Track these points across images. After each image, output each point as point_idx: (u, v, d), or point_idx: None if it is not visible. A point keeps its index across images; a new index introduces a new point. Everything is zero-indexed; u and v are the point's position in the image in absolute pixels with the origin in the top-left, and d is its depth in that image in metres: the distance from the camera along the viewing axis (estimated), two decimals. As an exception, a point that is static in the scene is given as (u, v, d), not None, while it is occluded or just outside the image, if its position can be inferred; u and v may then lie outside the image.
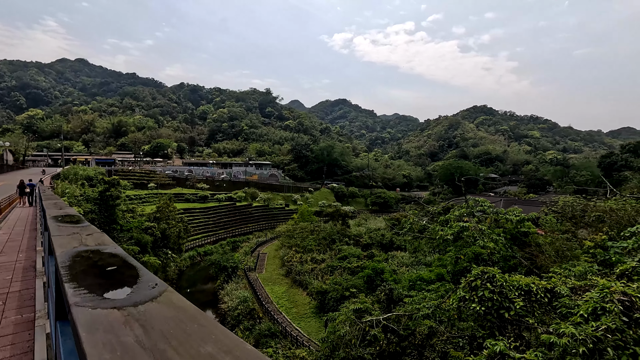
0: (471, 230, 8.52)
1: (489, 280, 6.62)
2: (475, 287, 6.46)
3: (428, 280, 16.48)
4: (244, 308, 31.31)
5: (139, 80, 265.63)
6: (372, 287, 17.43)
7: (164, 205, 44.12)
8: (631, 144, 40.65)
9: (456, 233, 8.94)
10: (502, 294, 6.41)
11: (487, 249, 8.60)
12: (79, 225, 3.02)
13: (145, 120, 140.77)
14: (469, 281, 6.76)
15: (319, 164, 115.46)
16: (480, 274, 6.77)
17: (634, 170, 34.75)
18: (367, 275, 17.50)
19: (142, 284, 1.39)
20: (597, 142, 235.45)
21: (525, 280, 6.71)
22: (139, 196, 62.75)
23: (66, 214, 3.74)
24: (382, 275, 17.59)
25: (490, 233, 8.70)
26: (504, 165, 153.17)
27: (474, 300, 6.39)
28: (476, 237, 8.75)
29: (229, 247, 59.21)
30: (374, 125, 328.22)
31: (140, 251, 32.06)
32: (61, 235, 2.67)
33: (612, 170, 40.67)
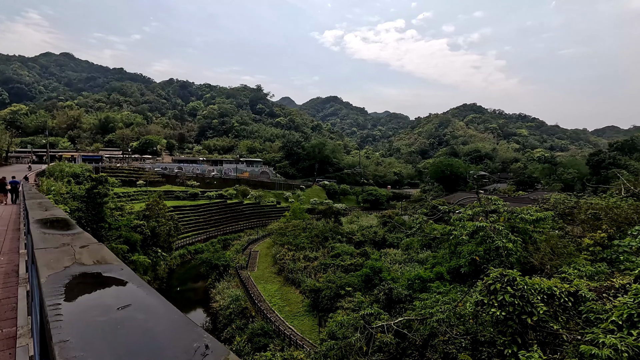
0: (487, 230, 8.25)
1: (509, 284, 6.29)
2: (495, 290, 6.19)
3: (427, 279, 16.37)
4: (236, 307, 30.95)
5: (127, 75, 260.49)
6: (370, 286, 17.23)
7: (153, 203, 43.30)
8: (619, 142, 41.40)
9: (471, 233, 8.67)
10: (524, 298, 6.07)
11: (505, 250, 8.33)
12: (69, 233, 2.50)
13: (134, 116, 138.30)
14: (487, 284, 6.48)
15: (311, 161, 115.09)
16: (499, 276, 6.43)
17: (621, 167, 35.36)
18: (365, 274, 17.30)
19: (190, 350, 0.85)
20: (582, 140, 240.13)
21: (547, 284, 6.46)
22: (127, 194, 61.54)
23: (53, 217, 3.14)
24: (380, 274, 17.40)
25: (507, 233, 8.46)
26: (493, 163, 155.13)
27: (493, 304, 6.11)
28: (493, 237, 8.49)
29: (220, 245, 58.60)
30: (365, 122, 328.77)
31: (129, 250, 31.36)
32: (47, 249, 2.19)
33: (600, 168, 41.37)
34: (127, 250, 30.87)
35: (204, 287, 42.01)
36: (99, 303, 1.31)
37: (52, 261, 1.87)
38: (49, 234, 2.49)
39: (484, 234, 8.27)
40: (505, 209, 9.70)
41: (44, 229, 2.65)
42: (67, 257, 1.98)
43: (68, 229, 2.72)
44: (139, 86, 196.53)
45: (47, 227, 2.69)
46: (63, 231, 2.62)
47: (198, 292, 42.29)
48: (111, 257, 1.95)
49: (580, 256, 10.59)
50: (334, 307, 24.35)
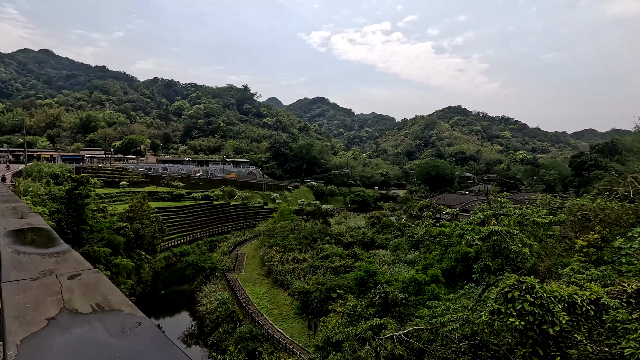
0: (501, 234, 8.08)
1: (527, 291, 6.03)
2: (512, 298, 5.96)
3: (422, 282, 16.21)
4: (223, 310, 30.31)
5: (110, 73, 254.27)
6: (364, 289, 16.95)
7: (137, 204, 42.15)
8: (599, 144, 42.61)
9: (484, 237, 8.46)
10: (544, 307, 5.84)
11: (520, 255, 8.17)
12: (52, 252, 1.91)
13: (116, 115, 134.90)
14: (503, 292, 6.22)
15: (298, 162, 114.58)
16: (516, 284, 6.14)
17: (602, 169, 36.33)
18: (359, 277, 17.01)
19: None
20: (562, 143, 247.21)
21: (567, 291, 6.22)
22: (110, 195, 59.85)
23: (31, 227, 2.41)
24: (374, 277, 17.14)
25: (522, 237, 8.29)
26: (477, 164, 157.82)
27: (511, 313, 5.82)
28: (508, 242, 8.34)
29: (206, 247, 57.61)
30: (352, 124, 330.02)
31: (112, 253, 30.34)
32: (21, 282, 1.57)
33: (582, 170, 42.43)
34: (110, 253, 29.87)
35: (189, 290, 41.11)
36: None
37: (29, 308, 1.27)
38: (24, 253, 1.89)
39: (497, 239, 8.09)
40: (516, 212, 9.55)
41: (17, 245, 2.04)
42: (50, 297, 1.39)
43: (50, 244, 2.10)
44: (122, 84, 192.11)
45: (23, 243, 2.07)
46: (44, 249, 2.02)
47: (183, 296, 41.37)
48: (118, 298, 1.34)
49: (574, 257, 10.63)
50: (325, 309, 24.05)
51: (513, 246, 7.69)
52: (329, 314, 21.42)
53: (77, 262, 1.84)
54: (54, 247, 2.06)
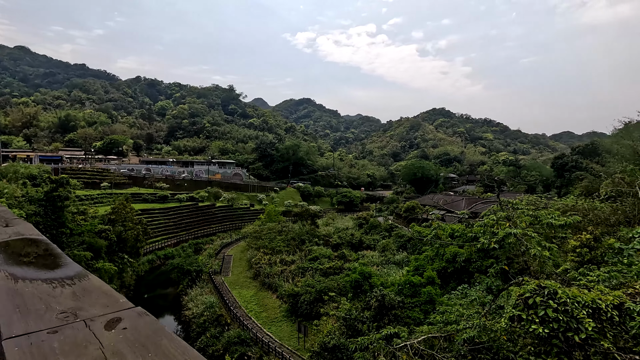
0: (519, 237, 7.95)
1: (550, 297, 5.84)
2: (534, 304, 5.79)
3: (418, 284, 16.13)
4: (210, 314, 29.67)
5: (90, 72, 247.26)
6: (359, 292, 16.70)
7: (120, 206, 40.94)
8: (580, 146, 43.97)
9: (500, 240, 8.30)
10: (568, 313, 5.66)
11: (541, 259, 8.04)
12: (63, 277, 1.34)
13: (97, 114, 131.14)
14: (523, 298, 5.98)
15: (285, 163, 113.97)
16: (537, 289, 6.03)
17: (583, 170, 37.39)
18: (354, 280, 16.78)
19: None
20: (542, 145, 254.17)
21: (590, 295, 5.97)
22: (90, 196, 58.07)
23: (22, 238, 1.79)
24: (369, 280, 16.95)
25: (540, 240, 8.15)
26: (461, 166, 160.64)
27: (533, 320, 5.68)
28: (527, 245, 8.19)
29: (191, 249, 56.53)
30: (337, 125, 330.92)
31: (93, 257, 29.30)
32: (33, 338, 0.95)
33: (564, 171, 43.65)
34: (91, 258, 28.83)
35: (174, 293, 40.20)
36: None
37: None
38: (24, 280, 1.29)
39: (513, 241, 7.98)
40: (530, 214, 9.51)
41: (12, 265, 1.42)
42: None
43: (55, 263, 1.49)
44: (102, 83, 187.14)
45: (18, 263, 1.46)
46: (49, 271, 1.40)
47: (168, 299, 40.41)
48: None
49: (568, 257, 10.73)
50: (315, 312, 23.78)
51: (533, 249, 7.57)
52: (321, 317, 21.17)
53: (106, 295, 1.24)
54: (62, 267, 1.46)
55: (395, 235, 45.56)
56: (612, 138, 41.21)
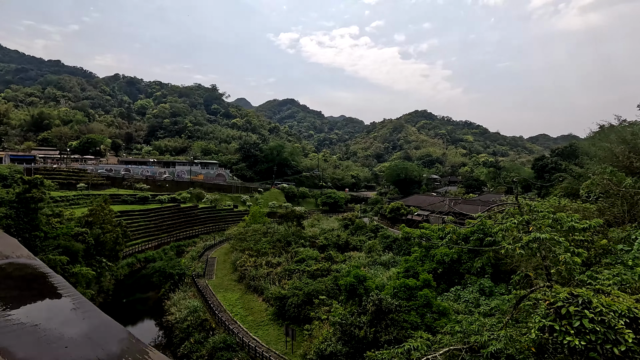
0: (545, 241, 7.72)
1: (584, 306, 5.51)
2: (568, 314, 5.46)
3: (413, 287, 15.93)
4: (194, 319, 28.79)
5: (65, 68, 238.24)
6: (355, 296, 16.33)
7: (98, 207, 39.35)
8: (559, 148, 45.30)
9: (525, 244, 8.06)
10: (605, 323, 5.31)
11: (569, 265, 7.82)
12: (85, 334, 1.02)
13: (73, 113, 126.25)
14: (555, 307, 5.71)
15: (269, 163, 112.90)
16: (570, 297, 5.73)
17: (562, 171, 38.50)
18: (349, 283, 16.40)
19: None
20: (520, 147, 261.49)
21: (624, 304, 5.66)
22: (66, 198, 55.73)
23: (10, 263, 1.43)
24: (364, 283, 16.63)
25: (568, 245, 7.94)
26: (443, 167, 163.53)
27: (567, 331, 5.36)
28: (555, 250, 7.97)
29: (173, 252, 55.11)
30: (321, 126, 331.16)
31: (69, 261, 27.95)
32: None
33: (544, 172, 44.90)
34: (67, 262, 27.49)
35: (155, 297, 38.95)
36: None
37: None
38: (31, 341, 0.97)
39: (536, 247, 7.78)
40: (550, 216, 9.37)
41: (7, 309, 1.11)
42: None
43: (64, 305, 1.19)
44: (79, 80, 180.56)
45: (16, 302, 1.16)
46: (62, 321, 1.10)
47: (149, 304, 39.11)
48: None
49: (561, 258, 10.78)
50: (304, 315, 23.32)
51: (562, 255, 7.37)
52: (313, 322, 20.73)
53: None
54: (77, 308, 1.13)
55: (381, 236, 45.68)
56: (588, 140, 42.64)
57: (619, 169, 23.85)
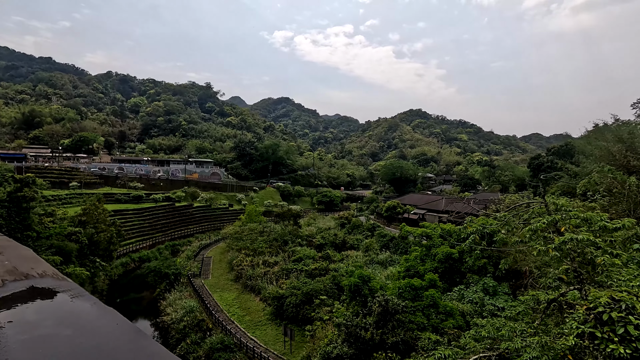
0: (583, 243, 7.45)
1: (628, 312, 5.27)
2: (610, 320, 5.25)
3: (419, 287, 15.73)
4: (190, 319, 28.45)
5: (56, 65, 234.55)
6: (358, 296, 16.05)
7: (91, 207, 38.77)
8: (555, 147, 45.60)
9: (558, 246, 7.82)
10: None
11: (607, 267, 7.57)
12: None
13: (65, 110, 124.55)
14: (595, 313, 5.47)
15: (264, 162, 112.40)
16: (611, 302, 5.48)
17: (558, 170, 38.77)
18: (353, 284, 16.15)
19: None
20: (513, 146, 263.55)
21: None
22: (58, 197, 54.83)
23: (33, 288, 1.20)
24: (369, 283, 16.38)
25: (606, 247, 7.69)
26: (438, 166, 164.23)
27: (610, 339, 5.15)
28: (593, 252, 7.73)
29: (168, 251, 54.57)
30: (316, 125, 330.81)
31: (63, 261, 27.43)
32: None
33: (540, 171, 45.18)
34: (61, 262, 26.97)
35: (150, 298, 38.46)
36: None
37: None
38: None
39: (572, 247, 7.55)
40: (580, 216, 9.17)
41: None
42: None
43: None
44: (71, 78, 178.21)
45: None
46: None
47: (143, 304, 38.64)
48: None
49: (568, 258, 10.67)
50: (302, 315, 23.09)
51: (600, 257, 7.16)
52: (314, 322, 20.49)
53: None
54: None
55: (377, 234, 45.61)
56: (584, 139, 42.95)
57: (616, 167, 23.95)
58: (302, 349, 21.20)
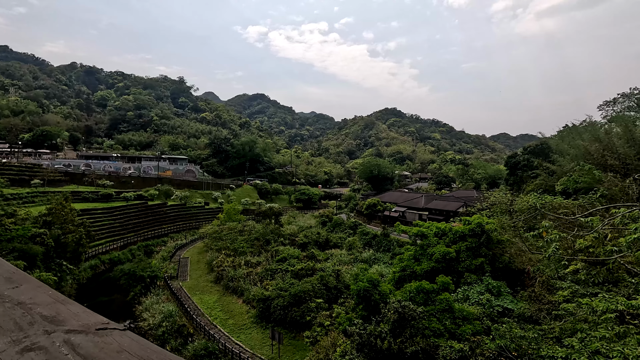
0: None
1: None
2: None
3: (430, 291, 15.18)
4: (169, 324, 26.96)
5: (14, 55, 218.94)
6: (367, 301, 15.14)
7: (58, 206, 36.12)
8: (531, 146, 47.22)
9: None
10: None
11: None
12: None
13: (25, 103, 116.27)
14: None
15: (241, 159, 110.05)
16: None
17: (535, 169, 40.05)
18: (362, 289, 15.30)
19: None
20: (483, 145, 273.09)
21: None
22: (18, 195, 50.93)
23: None
24: (378, 288, 15.57)
25: None
26: (413, 164, 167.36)
27: None
28: None
29: (141, 252, 52.08)
30: (292, 122, 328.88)
31: (27, 266, 25.21)
32: None
33: (517, 169, 46.64)
34: (25, 267, 24.76)
35: (122, 301, 36.30)
36: None
37: None
38: None
39: None
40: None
41: None
42: None
43: None
44: (31, 68, 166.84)
45: None
46: None
47: (113, 308, 36.44)
48: None
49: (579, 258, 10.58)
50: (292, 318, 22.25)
51: None
52: (313, 328, 19.70)
53: None
54: None
55: (360, 232, 45.53)
56: (556, 139, 44.66)
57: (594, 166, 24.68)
58: (292, 353, 20.45)
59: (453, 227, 20.82)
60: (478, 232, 19.42)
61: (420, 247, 20.93)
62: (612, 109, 48.21)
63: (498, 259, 19.02)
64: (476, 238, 19.43)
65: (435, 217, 46.77)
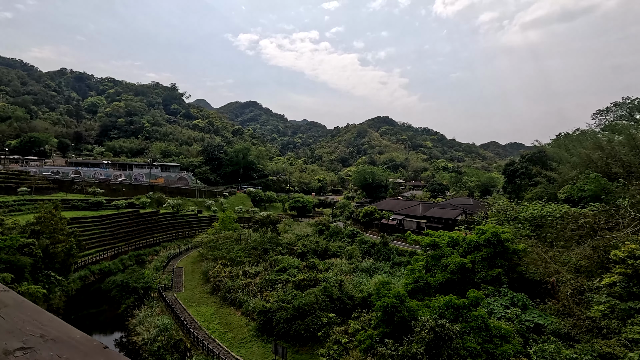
0: None
1: None
2: None
3: (461, 306, 14.41)
4: (165, 339, 25.77)
5: (1, 60, 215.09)
6: (391, 319, 14.22)
7: (47, 215, 34.74)
8: (528, 154, 47.47)
9: None
10: None
11: None
12: None
13: (12, 109, 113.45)
14: None
15: (234, 167, 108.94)
16: None
17: (532, 176, 40.13)
18: (390, 305, 14.38)
19: None
20: (474, 153, 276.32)
21: None
22: (5, 203, 49.13)
23: None
24: (406, 303, 14.64)
25: None
26: (406, 171, 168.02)
27: None
28: None
29: (132, 261, 50.66)
30: (285, 129, 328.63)
31: (14, 279, 23.89)
32: None
33: (515, 177, 46.73)
34: (12, 280, 23.45)
35: (113, 313, 34.84)
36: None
37: None
38: None
39: None
40: None
41: None
42: None
43: None
44: (19, 73, 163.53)
45: None
46: None
47: (101, 319, 34.94)
48: None
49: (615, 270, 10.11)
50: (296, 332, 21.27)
51: None
52: (328, 344, 18.73)
53: None
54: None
55: (358, 241, 44.89)
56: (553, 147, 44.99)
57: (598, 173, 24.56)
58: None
59: (467, 237, 20.33)
60: (494, 242, 18.92)
61: (432, 257, 20.32)
62: (606, 117, 49.02)
63: (514, 269, 18.53)
64: (491, 248, 18.91)
65: (433, 226, 46.43)
